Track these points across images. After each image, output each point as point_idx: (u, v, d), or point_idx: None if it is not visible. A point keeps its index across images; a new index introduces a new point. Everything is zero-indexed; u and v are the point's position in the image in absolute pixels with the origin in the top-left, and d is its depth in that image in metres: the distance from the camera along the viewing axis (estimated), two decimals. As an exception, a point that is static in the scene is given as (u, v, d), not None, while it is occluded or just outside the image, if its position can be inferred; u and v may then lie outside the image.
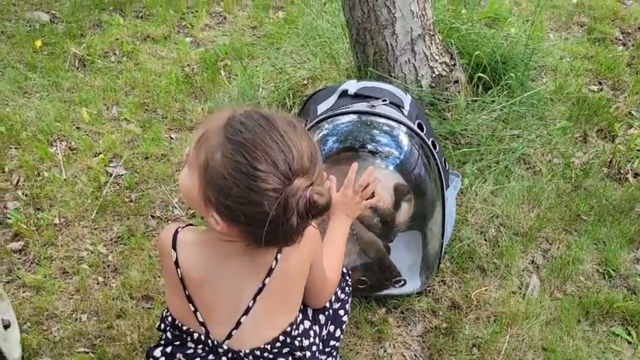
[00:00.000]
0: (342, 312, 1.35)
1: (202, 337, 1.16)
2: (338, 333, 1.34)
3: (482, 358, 1.64)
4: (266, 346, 1.16)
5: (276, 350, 1.17)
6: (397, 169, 1.68)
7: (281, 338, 1.16)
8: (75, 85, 2.74)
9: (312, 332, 1.23)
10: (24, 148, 2.39)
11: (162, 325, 1.25)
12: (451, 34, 2.53)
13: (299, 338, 1.18)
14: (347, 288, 1.39)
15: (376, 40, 2.16)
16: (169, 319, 1.21)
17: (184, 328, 1.17)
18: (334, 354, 1.34)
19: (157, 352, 1.21)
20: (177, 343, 1.19)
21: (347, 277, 1.40)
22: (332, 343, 1.32)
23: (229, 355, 1.15)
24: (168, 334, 1.21)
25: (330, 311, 1.32)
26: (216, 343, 1.15)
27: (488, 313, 1.77)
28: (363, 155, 1.65)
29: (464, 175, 2.12)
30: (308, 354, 1.20)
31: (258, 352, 1.16)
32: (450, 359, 1.66)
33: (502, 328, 1.71)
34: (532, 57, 2.53)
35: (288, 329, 1.17)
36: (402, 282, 1.72)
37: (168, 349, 1.20)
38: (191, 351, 1.18)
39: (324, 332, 1.31)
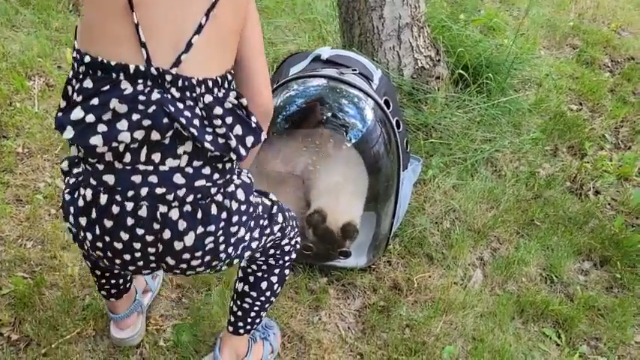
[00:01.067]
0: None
1: (142, 67, 0.94)
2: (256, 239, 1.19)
3: (413, 339, 1.67)
4: (218, 79, 1.00)
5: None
6: (358, 142, 1.70)
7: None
8: (64, 26, 2.74)
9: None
10: (0, 77, 2.38)
11: (73, 72, 0.98)
12: (442, 32, 2.56)
13: None
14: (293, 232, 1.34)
15: (363, 21, 2.18)
16: (86, 58, 0.95)
17: (112, 63, 0.93)
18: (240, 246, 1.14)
19: (77, 113, 0.94)
20: (106, 88, 0.94)
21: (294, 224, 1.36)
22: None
23: (179, 85, 0.96)
24: (86, 81, 0.94)
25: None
26: (161, 71, 0.95)
27: (426, 297, 1.79)
28: (325, 122, 1.68)
29: (429, 167, 2.15)
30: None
31: (210, 84, 0.99)
32: (381, 335, 1.68)
33: (437, 314, 1.74)
34: (517, 65, 2.56)
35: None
36: (348, 254, 1.73)
37: (95, 101, 0.93)
38: (129, 91, 0.94)
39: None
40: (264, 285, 1.35)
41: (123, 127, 0.95)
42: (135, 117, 0.95)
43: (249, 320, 1.39)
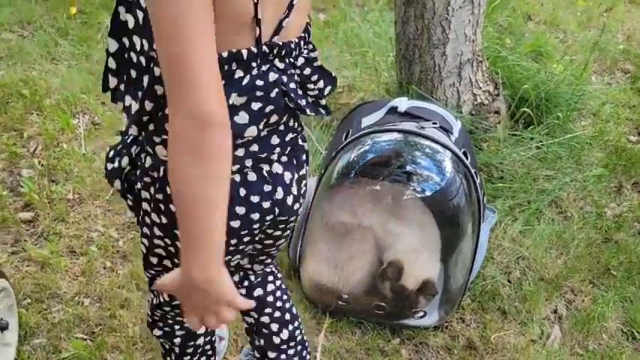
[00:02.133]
0: None
1: (253, 48, 0.80)
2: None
3: (495, 407, 1.57)
4: (304, 35, 0.91)
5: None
6: (435, 195, 1.61)
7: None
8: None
9: None
10: (46, 115, 2.32)
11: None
12: (496, 63, 2.46)
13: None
14: None
15: (424, 59, 2.09)
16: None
17: (224, 55, 0.78)
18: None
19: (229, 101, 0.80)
20: (225, 81, 0.77)
21: None
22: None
23: (282, 54, 0.84)
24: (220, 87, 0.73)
25: None
26: (269, 44, 0.82)
27: (505, 358, 1.69)
28: (395, 175, 1.59)
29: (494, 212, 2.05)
30: None
31: (302, 43, 0.89)
32: (460, 402, 1.58)
33: (518, 378, 1.64)
34: (579, 100, 2.46)
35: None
36: (422, 314, 1.64)
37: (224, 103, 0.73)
38: (246, 80, 0.81)
39: None
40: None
41: (244, 120, 0.83)
42: (256, 106, 0.83)
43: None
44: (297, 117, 0.96)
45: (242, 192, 0.90)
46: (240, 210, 0.91)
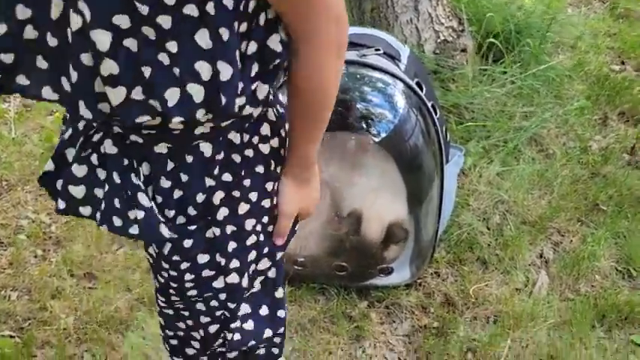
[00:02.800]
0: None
1: None
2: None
3: (479, 366, 1.39)
4: None
5: None
6: (390, 136, 1.41)
7: None
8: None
9: None
10: (-29, 101, 2.11)
11: None
12: (459, -1, 2.25)
13: None
14: None
15: (374, -6, 1.89)
16: None
17: None
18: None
19: None
20: None
21: None
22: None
23: None
24: None
25: None
26: None
27: (487, 312, 1.51)
28: (344, 118, 1.39)
29: (467, 154, 1.85)
30: None
31: None
32: (439, 365, 1.40)
33: (503, 331, 1.45)
34: (550, 28, 2.25)
35: None
36: (389, 270, 1.45)
37: None
38: None
39: None
40: None
41: None
42: None
43: None
44: None
45: None
46: None
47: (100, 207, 0.73)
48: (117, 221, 0.72)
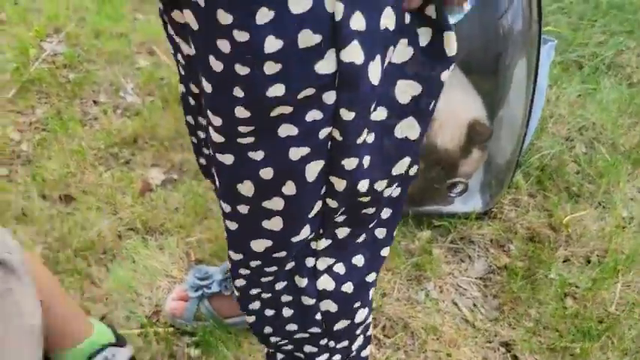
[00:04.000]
0: None
1: None
2: None
3: (582, 315, 1.03)
4: None
5: None
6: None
7: None
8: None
9: None
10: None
11: None
12: None
13: None
14: None
15: None
16: None
17: None
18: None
19: None
20: None
21: None
22: None
23: None
24: None
25: None
26: None
27: (586, 250, 1.15)
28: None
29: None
30: None
31: None
32: (529, 313, 1.04)
33: (608, 274, 1.10)
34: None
35: None
36: (462, 188, 1.10)
37: None
38: None
39: None
40: None
41: None
42: None
43: None
44: None
45: None
46: None
47: None
48: None
